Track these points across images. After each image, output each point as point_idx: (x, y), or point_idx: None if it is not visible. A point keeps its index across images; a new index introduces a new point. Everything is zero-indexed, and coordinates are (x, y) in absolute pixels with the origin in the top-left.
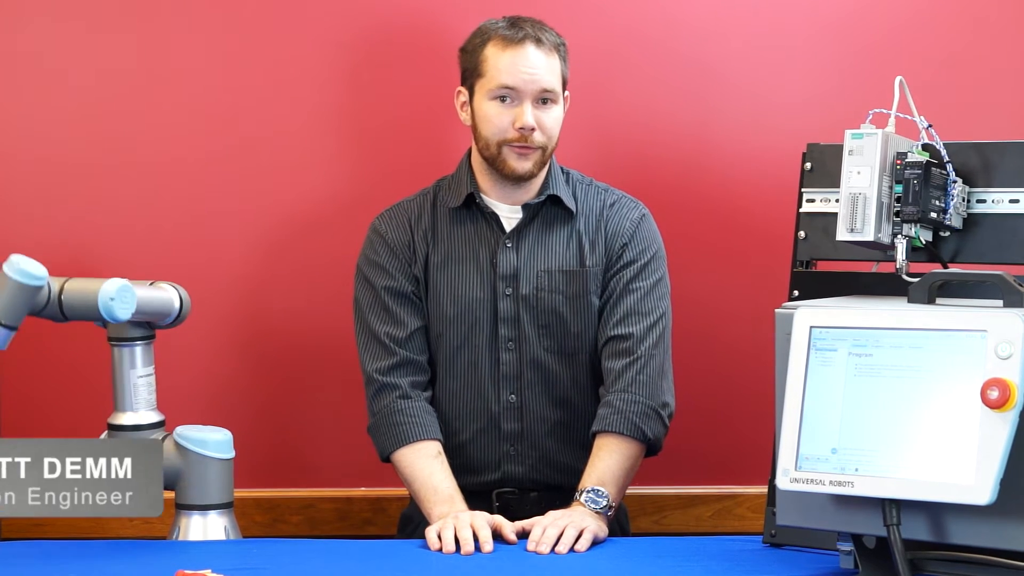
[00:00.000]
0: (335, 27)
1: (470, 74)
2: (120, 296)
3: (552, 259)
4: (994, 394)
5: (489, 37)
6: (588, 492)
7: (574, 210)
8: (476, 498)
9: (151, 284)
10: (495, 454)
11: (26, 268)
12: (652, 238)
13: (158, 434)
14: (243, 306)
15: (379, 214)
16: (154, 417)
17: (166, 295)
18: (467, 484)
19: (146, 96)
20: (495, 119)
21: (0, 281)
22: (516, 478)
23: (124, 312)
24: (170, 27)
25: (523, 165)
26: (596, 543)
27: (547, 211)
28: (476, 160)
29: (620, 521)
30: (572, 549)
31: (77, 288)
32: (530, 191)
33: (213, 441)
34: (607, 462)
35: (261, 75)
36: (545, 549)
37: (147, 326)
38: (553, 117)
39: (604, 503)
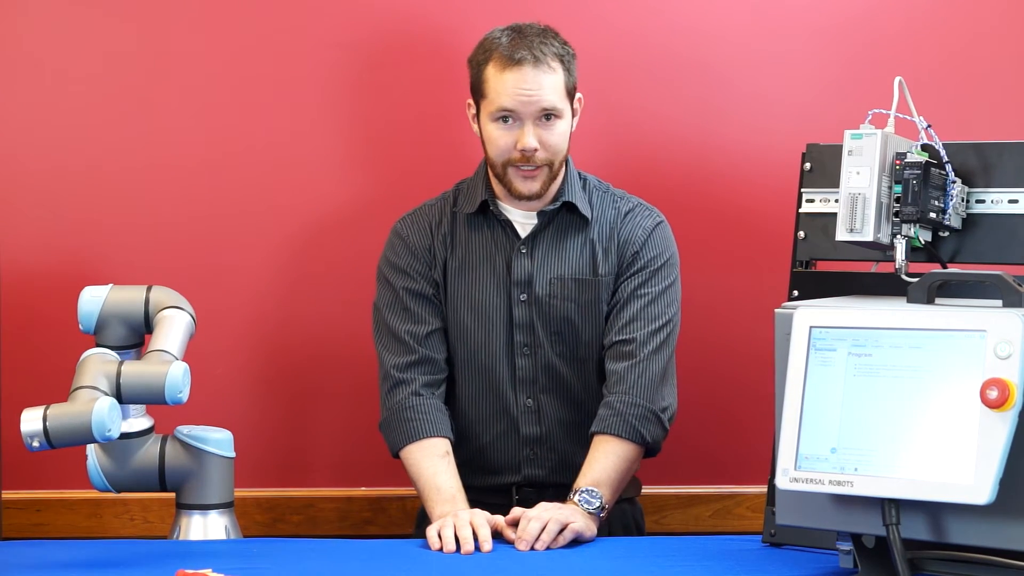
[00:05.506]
0: (347, 30)
1: (475, 91)
2: (184, 381)
3: (565, 266)
4: (993, 394)
5: (489, 56)
6: (582, 492)
7: (589, 217)
8: (496, 495)
9: (148, 290)
10: (515, 457)
11: (107, 431)
12: (665, 245)
13: (155, 436)
14: (243, 306)
15: (400, 217)
16: (145, 424)
17: (188, 325)
18: (488, 484)
19: (157, 101)
20: (498, 141)
21: (79, 411)
22: (537, 481)
23: (186, 394)
24: (181, 31)
25: (529, 187)
26: (582, 542)
27: (562, 218)
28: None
29: (636, 520)
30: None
31: (138, 375)
32: (545, 198)
33: (213, 441)
34: (603, 463)
35: (273, 79)
36: (524, 547)
37: (137, 333)
38: (557, 133)
39: (597, 504)
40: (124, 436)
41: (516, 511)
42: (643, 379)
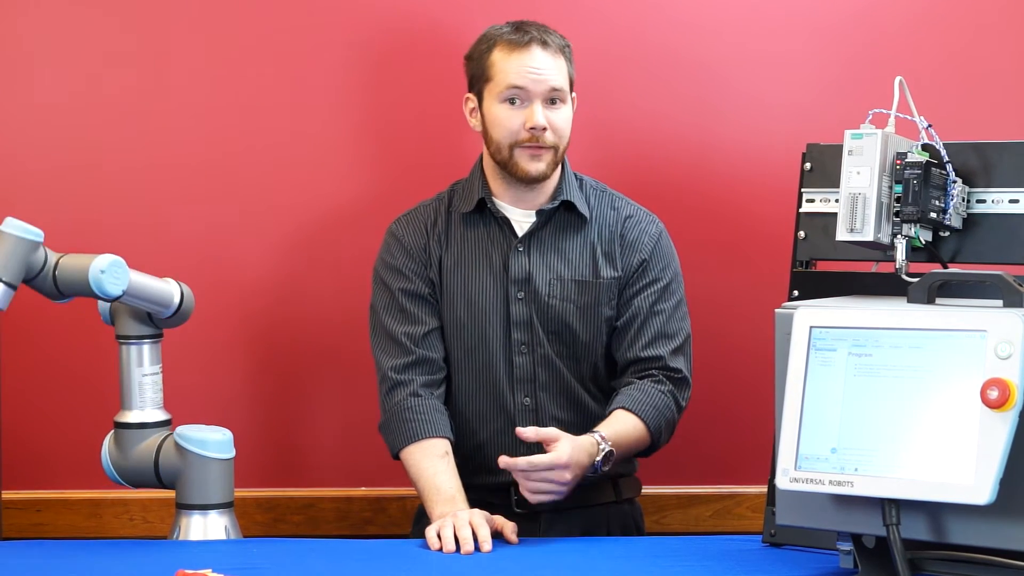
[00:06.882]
0: (350, 29)
1: (477, 80)
2: (111, 271)
3: (565, 267)
4: (994, 394)
5: (495, 43)
6: (603, 438)
7: (588, 217)
8: (494, 494)
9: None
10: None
11: (23, 224)
12: (671, 256)
13: (164, 432)
14: (244, 306)
15: (396, 218)
16: (160, 416)
17: (163, 285)
18: (486, 483)
19: (157, 101)
20: (506, 121)
21: None
22: None
23: (115, 288)
24: (181, 31)
25: (536, 166)
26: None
27: (560, 217)
28: (488, 164)
29: (636, 520)
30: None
31: (71, 262)
32: (543, 195)
33: (213, 441)
34: (624, 435)
35: (273, 78)
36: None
37: (153, 324)
38: (563, 117)
39: (607, 466)
40: (135, 426)
41: (548, 432)
42: (677, 387)
